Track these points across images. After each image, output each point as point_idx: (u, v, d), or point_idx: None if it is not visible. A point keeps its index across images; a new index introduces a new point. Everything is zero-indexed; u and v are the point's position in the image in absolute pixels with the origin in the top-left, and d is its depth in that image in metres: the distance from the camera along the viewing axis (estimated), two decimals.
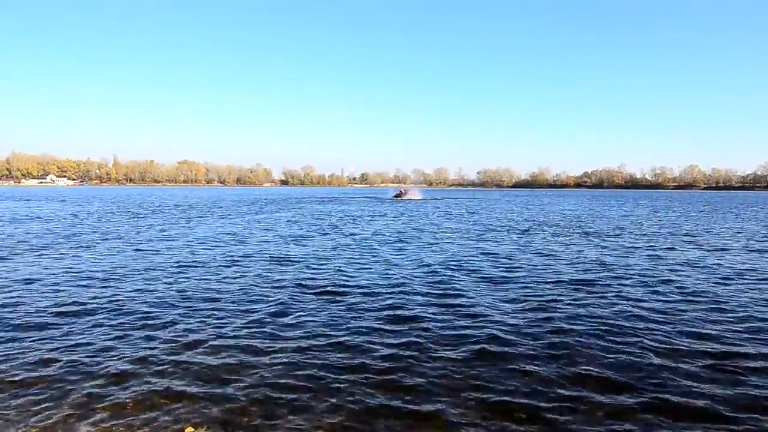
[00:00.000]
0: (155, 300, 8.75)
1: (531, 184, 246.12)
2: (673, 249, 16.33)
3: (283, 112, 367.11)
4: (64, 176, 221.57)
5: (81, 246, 15.86)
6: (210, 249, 15.41)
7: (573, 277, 11.12)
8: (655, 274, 11.62)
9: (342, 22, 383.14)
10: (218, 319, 7.60)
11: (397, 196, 70.26)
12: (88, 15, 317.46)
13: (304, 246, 16.25)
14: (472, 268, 12.13)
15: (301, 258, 13.46)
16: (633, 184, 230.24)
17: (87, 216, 30.10)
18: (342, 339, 6.67)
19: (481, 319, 7.68)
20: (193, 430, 4.22)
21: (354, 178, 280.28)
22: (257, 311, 8.04)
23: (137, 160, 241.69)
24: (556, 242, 18.14)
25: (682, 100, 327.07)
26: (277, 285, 10.02)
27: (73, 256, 13.64)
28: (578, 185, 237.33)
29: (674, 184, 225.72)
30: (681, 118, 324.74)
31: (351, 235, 20.26)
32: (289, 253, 14.21)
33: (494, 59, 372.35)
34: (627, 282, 10.68)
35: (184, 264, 12.53)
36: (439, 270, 11.93)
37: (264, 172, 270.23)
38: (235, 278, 10.76)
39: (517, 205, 52.59)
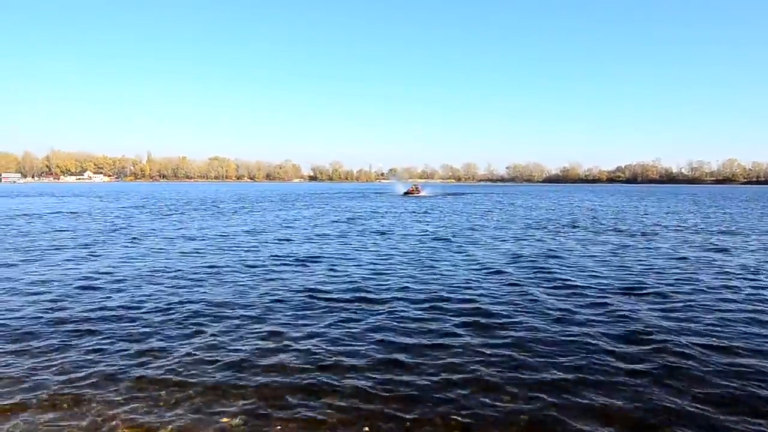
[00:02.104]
0: (182, 300, 8.92)
1: (562, 179, 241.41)
2: (719, 250, 15.59)
3: (313, 108, 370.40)
4: (101, 173, 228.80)
5: (87, 247, 16.28)
6: (240, 248, 15.68)
7: (605, 282, 10.81)
8: (705, 279, 11.17)
9: (375, 18, 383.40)
10: (249, 318, 7.74)
11: (408, 192, 63.09)
12: (122, 14, 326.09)
13: (330, 246, 16.25)
14: (497, 270, 11.83)
15: (328, 259, 13.32)
16: (669, 178, 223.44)
17: (104, 217, 30.94)
18: (368, 342, 6.73)
19: (515, 327, 7.53)
20: (228, 419, 4.41)
21: (382, 174, 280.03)
22: (283, 311, 8.19)
23: (170, 157, 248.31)
24: (591, 242, 17.69)
25: (719, 94, 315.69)
26: (303, 288, 10.01)
27: (83, 259, 14.02)
28: (611, 180, 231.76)
29: (712, 178, 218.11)
30: (718, 111, 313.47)
31: (379, 233, 20.24)
32: (315, 254, 14.03)
33: (526, 54, 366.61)
34: (670, 285, 10.31)
35: (222, 263, 12.78)
36: (465, 272, 11.79)
37: (293, 168, 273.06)
38: (267, 278, 10.91)
39: (546, 201, 51.52)
